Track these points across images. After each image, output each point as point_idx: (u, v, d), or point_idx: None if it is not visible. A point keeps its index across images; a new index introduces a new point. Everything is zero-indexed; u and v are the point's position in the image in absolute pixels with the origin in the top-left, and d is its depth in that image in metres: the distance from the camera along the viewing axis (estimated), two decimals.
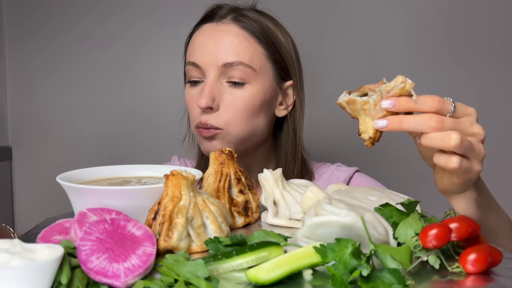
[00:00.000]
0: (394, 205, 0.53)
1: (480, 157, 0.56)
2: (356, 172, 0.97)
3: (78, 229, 0.47)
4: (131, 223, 0.47)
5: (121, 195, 0.54)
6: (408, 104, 0.53)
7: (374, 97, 0.55)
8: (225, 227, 0.54)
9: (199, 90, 0.86)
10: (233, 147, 0.84)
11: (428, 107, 0.54)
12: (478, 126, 0.56)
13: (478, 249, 0.44)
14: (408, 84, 0.53)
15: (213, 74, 0.83)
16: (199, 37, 0.87)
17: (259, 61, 0.85)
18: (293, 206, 0.62)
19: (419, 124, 0.53)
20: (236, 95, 0.83)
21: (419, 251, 0.46)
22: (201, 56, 0.84)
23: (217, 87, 0.83)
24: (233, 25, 0.85)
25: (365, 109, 0.56)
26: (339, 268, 0.41)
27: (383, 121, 0.54)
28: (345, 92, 0.57)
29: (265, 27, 0.87)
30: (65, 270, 0.39)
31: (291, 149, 0.92)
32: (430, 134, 0.53)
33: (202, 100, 0.81)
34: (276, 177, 0.64)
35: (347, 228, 0.46)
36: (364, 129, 0.57)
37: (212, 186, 0.61)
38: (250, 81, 0.84)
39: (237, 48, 0.83)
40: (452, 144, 0.52)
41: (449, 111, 0.54)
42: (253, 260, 0.44)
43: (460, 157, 0.54)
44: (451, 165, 0.54)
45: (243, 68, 0.83)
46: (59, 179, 0.59)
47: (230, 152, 0.63)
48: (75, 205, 0.58)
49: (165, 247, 0.49)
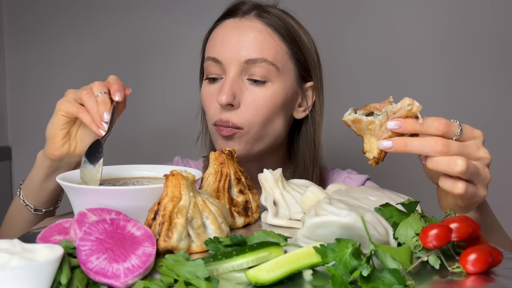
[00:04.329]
0: (394, 205, 0.53)
1: (485, 182, 0.56)
2: (367, 180, 0.96)
3: (77, 229, 0.47)
4: (130, 223, 0.47)
5: (121, 195, 0.54)
6: (414, 126, 0.53)
7: (380, 117, 0.55)
8: (225, 227, 0.54)
9: (218, 87, 0.83)
10: (249, 148, 0.83)
11: (435, 130, 0.53)
12: (484, 150, 0.55)
13: (479, 249, 0.44)
14: (415, 107, 0.52)
15: (234, 70, 0.80)
16: (221, 32, 0.84)
17: (282, 59, 0.82)
18: (293, 206, 0.62)
19: (424, 147, 0.53)
20: (258, 93, 0.81)
21: (420, 251, 0.46)
22: (222, 52, 0.81)
23: (238, 84, 0.81)
24: (257, 21, 0.83)
25: (370, 129, 0.55)
26: (339, 268, 0.41)
27: (388, 142, 0.54)
28: (350, 110, 0.57)
29: (289, 25, 0.85)
30: (64, 270, 0.39)
31: (309, 153, 0.89)
32: (436, 158, 0.53)
33: (222, 96, 0.78)
34: (276, 177, 0.64)
35: (347, 228, 0.46)
36: (369, 149, 0.57)
37: (212, 186, 0.61)
38: (272, 80, 0.81)
39: (261, 45, 0.80)
40: (457, 170, 0.51)
41: (456, 134, 0.54)
42: (253, 260, 0.44)
43: (466, 182, 0.53)
44: (456, 191, 0.54)
45: (266, 65, 0.80)
46: (59, 179, 0.59)
47: (230, 152, 0.63)
48: (74, 205, 0.58)
49: (165, 247, 0.49)
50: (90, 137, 0.74)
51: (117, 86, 0.72)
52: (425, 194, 0.88)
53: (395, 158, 1.41)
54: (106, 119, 0.68)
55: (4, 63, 1.59)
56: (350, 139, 1.10)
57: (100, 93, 0.70)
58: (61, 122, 0.72)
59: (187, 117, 1.00)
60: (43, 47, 1.57)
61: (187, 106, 1.03)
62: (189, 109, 0.99)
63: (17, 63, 1.59)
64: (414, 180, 1.33)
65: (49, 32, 1.57)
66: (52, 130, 0.73)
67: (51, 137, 0.73)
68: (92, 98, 0.70)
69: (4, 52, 1.59)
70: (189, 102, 1.05)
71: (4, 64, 1.59)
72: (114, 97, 0.71)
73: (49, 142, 0.74)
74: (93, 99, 0.70)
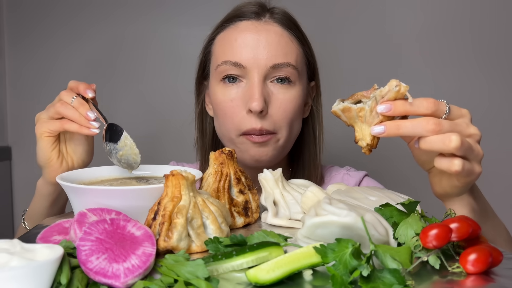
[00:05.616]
0: (394, 205, 0.53)
1: (479, 157, 0.56)
2: (365, 176, 0.96)
3: (77, 229, 0.47)
4: (130, 223, 0.47)
5: (121, 195, 0.54)
6: (404, 107, 0.53)
7: (369, 103, 0.55)
8: (225, 227, 0.54)
9: (240, 92, 0.80)
10: (281, 152, 0.83)
11: (424, 109, 0.53)
12: (473, 127, 0.56)
13: (479, 249, 0.44)
14: (403, 87, 0.53)
15: (259, 75, 0.79)
16: (239, 35, 0.81)
17: (301, 62, 0.83)
18: (293, 206, 0.62)
19: (417, 127, 0.53)
20: (284, 97, 0.80)
21: (420, 251, 0.46)
22: (245, 56, 0.79)
23: (265, 89, 0.80)
24: (276, 24, 0.82)
25: (361, 116, 0.55)
26: (339, 269, 0.41)
27: (380, 127, 0.54)
28: (338, 100, 0.57)
29: (299, 27, 0.85)
30: (64, 270, 0.39)
31: (313, 148, 0.90)
32: (429, 137, 0.53)
33: (255, 103, 0.76)
34: (276, 177, 0.64)
35: (347, 228, 0.46)
36: (361, 137, 0.56)
37: (212, 186, 0.61)
38: (294, 82, 0.82)
39: (284, 49, 0.80)
40: (452, 146, 0.52)
41: (444, 112, 0.54)
42: (253, 260, 0.44)
43: (461, 159, 0.54)
44: (454, 168, 0.54)
45: (290, 69, 0.80)
46: (59, 179, 0.59)
47: (230, 152, 0.63)
48: (75, 205, 0.58)
49: (165, 247, 0.49)
50: (82, 146, 0.75)
51: (83, 85, 0.72)
52: (425, 194, 0.88)
53: (395, 158, 1.42)
54: (92, 117, 0.69)
55: (4, 63, 1.59)
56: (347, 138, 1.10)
57: (73, 98, 0.71)
58: (49, 144, 0.72)
59: (182, 121, 1.00)
60: (43, 47, 1.57)
61: (182, 110, 1.02)
62: (183, 113, 0.98)
63: (17, 63, 1.59)
64: (414, 180, 1.33)
65: (49, 32, 1.56)
66: (44, 155, 0.73)
67: (46, 162, 0.73)
68: (69, 107, 0.70)
69: (4, 52, 1.59)
70: (182, 106, 1.04)
71: (4, 64, 1.59)
72: (86, 95, 0.71)
73: (46, 168, 0.74)
74: (70, 106, 0.70)
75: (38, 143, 0.73)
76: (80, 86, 0.72)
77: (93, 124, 0.69)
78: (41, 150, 0.73)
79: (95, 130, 0.69)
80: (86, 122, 0.69)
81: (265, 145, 0.80)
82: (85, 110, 0.69)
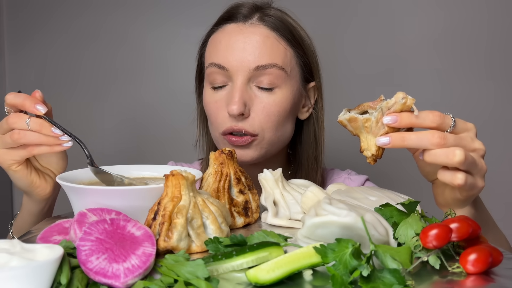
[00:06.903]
0: (395, 205, 0.53)
1: (482, 172, 0.57)
2: (367, 180, 0.96)
3: (77, 229, 0.47)
4: (130, 223, 0.47)
5: (121, 195, 0.54)
6: (410, 119, 0.53)
7: (375, 114, 0.55)
8: (225, 227, 0.54)
9: (224, 94, 0.81)
10: (264, 153, 0.82)
11: (430, 122, 0.54)
12: (478, 142, 0.56)
13: (479, 249, 0.44)
14: (410, 100, 0.53)
15: (242, 78, 0.79)
16: (224, 37, 0.81)
17: (290, 63, 0.82)
18: (293, 206, 0.62)
19: (421, 140, 0.53)
20: (268, 100, 0.79)
21: (420, 251, 0.46)
22: (228, 58, 0.79)
23: (246, 92, 0.79)
24: (262, 25, 0.81)
25: (366, 126, 0.56)
26: (339, 269, 0.41)
27: (386, 138, 0.54)
28: (344, 110, 0.57)
29: (292, 28, 0.83)
30: (64, 271, 0.39)
31: (312, 152, 0.89)
32: (434, 150, 0.53)
33: (233, 107, 0.77)
34: (276, 177, 0.64)
35: (347, 228, 0.46)
36: (366, 147, 0.57)
37: (212, 186, 0.61)
38: (280, 85, 0.80)
39: (269, 50, 0.79)
40: (456, 160, 0.52)
41: (450, 126, 0.55)
42: (253, 260, 0.44)
43: (464, 173, 0.54)
44: (456, 181, 0.54)
45: (276, 70, 0.79)
46: (58, 179, 0.59)
47: (230, 152, 0.63)
48: (74, 205, 0.58)
49: (165, 247, 0.49)
50: (54, 155, 0.70)
51: (28, 101, 0.64)
52: (425, 194, 0.88)
53: (394, 158, 1.41)
54: (59, 132, 0.63)
55: (4, 63, 1.59)
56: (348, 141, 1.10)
57: (27, 120, 0.63)
58: (23, 172, 0.67)
59: (180, 122, 1.00)
60: (43, 47, 1.57)
61: (180, 111, 1.02)
62: (183, 114, 0.98)
63: (17, 63, 1.59)
64: (414, 180, 1.33)
65: (49, 33, 1.57)
66: (24, 183, 0.68)
67: (30, 187, 0.69)
68: (28, 133, 0.63)
69: (4, 52, 1.59)
70: (180, 106, 1.04)
71: (4, 64, 1.59)
72: (39, 113, 0.63)
73: (33, 190, 0.69)
74: (29, 133, 0.63)
75: (11, 175, 0.67)
76: (25, 103, 0.64)
77: (63, 138, 0.64)
78: (19, 180, 0.68)
79: (68, 144, 0.64)
80: (56, 140, 0.64)
81: (247, 147, 0.81)
82: (48, 129, 0.63)
